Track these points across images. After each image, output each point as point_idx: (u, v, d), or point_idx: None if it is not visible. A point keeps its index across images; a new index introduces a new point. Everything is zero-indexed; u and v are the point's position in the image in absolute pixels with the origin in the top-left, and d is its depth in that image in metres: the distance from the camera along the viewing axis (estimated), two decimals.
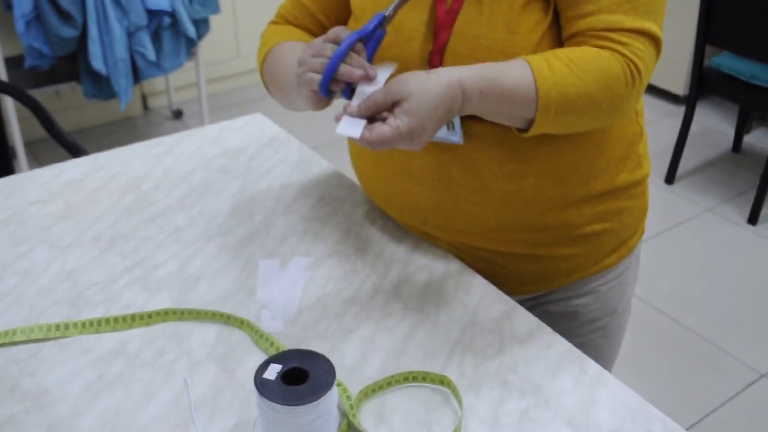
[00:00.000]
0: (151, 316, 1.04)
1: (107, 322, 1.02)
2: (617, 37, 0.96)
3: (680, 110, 3.48)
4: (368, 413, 0.90)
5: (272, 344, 0.98)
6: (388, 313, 1.05)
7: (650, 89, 3.98)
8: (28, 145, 3.29)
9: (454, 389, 0.91)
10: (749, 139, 3.61)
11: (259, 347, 0.99)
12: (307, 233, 1.22)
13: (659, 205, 3.12)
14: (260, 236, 1.21)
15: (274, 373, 0.82)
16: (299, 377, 0.82)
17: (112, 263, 1.15)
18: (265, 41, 1.19)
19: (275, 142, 1.50)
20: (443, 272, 1.13)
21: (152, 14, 2.94)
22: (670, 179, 3.25)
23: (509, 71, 0.95)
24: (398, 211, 1.19)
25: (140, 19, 2.89)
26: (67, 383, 0.94)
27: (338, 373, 0.94)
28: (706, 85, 3.07)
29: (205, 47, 3.70)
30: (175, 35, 3.07)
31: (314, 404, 0.79)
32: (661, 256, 2.81)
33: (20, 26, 2.73)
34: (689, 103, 3.14)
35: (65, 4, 2.72)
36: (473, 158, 1.06)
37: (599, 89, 0.95)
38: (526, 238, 1.11)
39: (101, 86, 2.96)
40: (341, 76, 0.94)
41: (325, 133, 3.20)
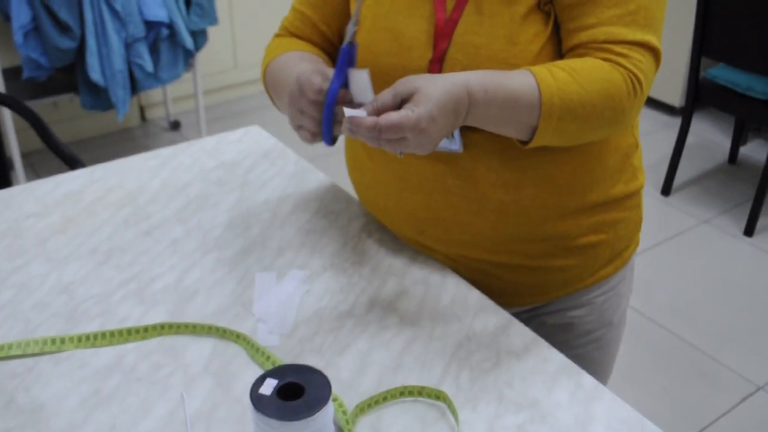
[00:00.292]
0: (147, 329, 1.03)
1: (103, 336, 1.02)
2: (618, 49, 0.97)
3: (676, 122, 3.49)
4: (364, 428, 0.90)
5: (268, 358, 0.98)
6: (384, 326, 1.05)
7: (646, 101, 3.97)
8: (25, 156, 3.29)
9: (450, 404, 0.91)
10: (745, 150, 3.62)
11: (255, 361, 0.99)
12: (303, 246, 1.22)
13: (656, 216, 3.13)
14: (257, 249, 1.21)
15: (270, 388, 0.82)
16: (295, 392, 0.82)
17: (108, 276, 1.15)
18: (267, 54, 1.19)
19: (272, 154, 1.51)
20: (440, 285, 1.13)
21: (150, 26, 2.95)
22: (666, 191, 3.26)
23: (512, 76, 0.95)
24: (395, 222, 1.19)
25: (138, 30, 2.89)
26: (62, 398, 0.94)
27: (334, 387, 0.94)
28: (702, 96, 3.08)
29: (202, 58, 3.71)
30: (172, 46, 3.08)
31: (310, 419, 0.79)
32: (657, 267, 2.81)
33: (18, 37, 2.74)
34: (685, 114, 3.15)
35: (63, 15, 2.73)
36: (471, 168, 1.06)
37: (601, 99, 0.95)
38: (522, 249, 1.11)
39: (99, 97, 2.96)
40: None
41: (321, 145, 3.21)
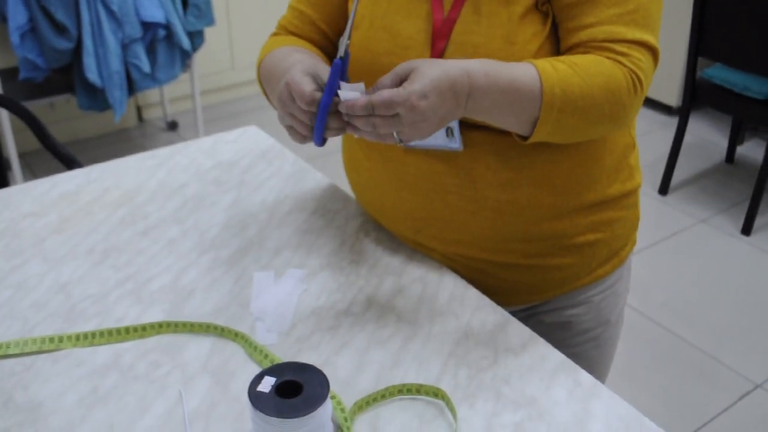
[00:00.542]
0: (145, 328, 1.03)
1: (101, 334, 1.02)
2: (618, 47, 0.97)
3: (673, 121, 3.49)
4: (362, 426, 0.90)
5: (266, 356, 0.98)
6: (382, 325, 1.05)
7: (644, 100, 3.99)
8: (22, 156, 3.29)
9: (448, 402, 0.91)
10: (742, 150, 3.63)
11: (253, 360, 0.99)
12: (301, 245, 1.22)
13: (653, 216, 3.13)
14: (254, 249, 1.21)
15: (268, 385, 0.82)
16: (293, 390, 0.82)
17: (105, 276, 1.15)
18: (263, 51, 1.18)
19: (269, 154, 1.51)
20: (437, 284, 1.13)
21: (147, 26, 2.95)
22: (663, 190, 3.26)
23: (514, 66, 0.95)
24: (392, 221, 1.20)
25: (135, 31, 2.89)
26: (60, 396, 0.94)
27: (332, 385, 0.94)
28: (699, 96, 3.09)
29: (199, 59, 3.71)
30: (169, 47, 3.08)
31: (308, 417, 0.79)
32: (655, 266, 2.82)
33: (15, 38, 2.74)
34: (682, 114, 3.15)
35: (60, 16, 2.73)
36: (469, 167, 1.07)
37: (602, 92, 0.96)
38: (519, 248, 1.11)
39: (96, 98, 2.96)
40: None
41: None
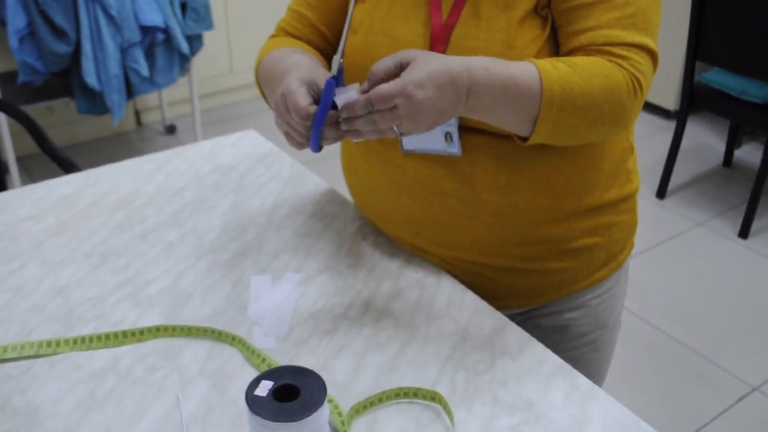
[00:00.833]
0: (142, 332, 1.04)
1: (99, 338, 1.02)
2: (618, 51, 0.98)
3: (671, 125, 3.50)
4: (360, 429, 0.90)
5: (264, 360, 0.98)
6: (379, 328, 1.05)
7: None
8: (20, 160, 3.29)
9: (445, 405, 0.92)
10: (740, 153, 3.63)
11: (250, 363, 0.99)
12: (299, 249, 1.22)
13: (651, 219, 3.13)
14: (252, 252, 1.21)
15: (265, 389, 0.82)
16: (290, 394, 0.82)
17: (103, 280, 1.15)
18: (261, 53, 1.19)
19: (268, 158, 1.51)
20: (435, 287, 1.13)
21: (146, 30, 2.95)
22: (661, 194, 3.27)
23: (513, 63, 0.95)
24: (390, 224, 1.20)
25: (134, 35, 2.90)
26: (58, 400, 0.94)
27: (329, 389, 0.94)
28: (696, 100, 3.09)
29: (198, 63, 3.71)
30: (168, 51, 3.08)
31: (305, 421, 0.79)
32: (652, 270, 2.82)
33: (14, 42, 2.74)
34: (680, 118, 3.16)
35: (59, 20, 2.73)
36: (467, 171, 1.07)
37: (601, 92, 0.96)
38: (517, 252, 1.11)
39: (94, 102, 2.96)
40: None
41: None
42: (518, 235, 1.10)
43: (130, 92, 3.02)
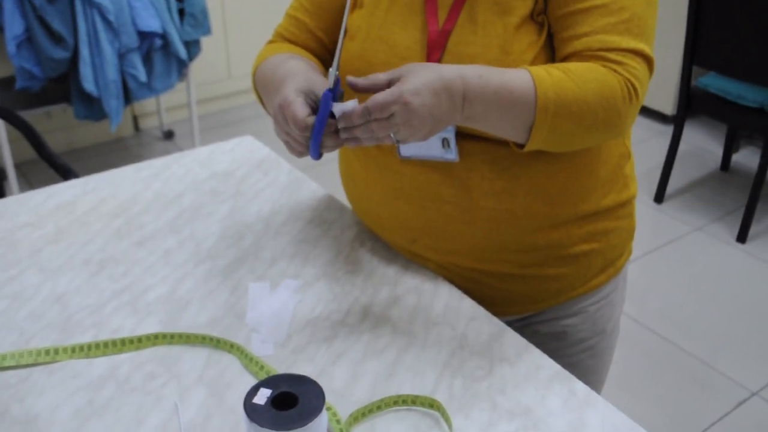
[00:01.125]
0: (141, 340, 1.03)
1: (97, 346, 1.02)
2: (613, 56, 0.98)
3: (669, 130, 3.50)
4: None
5: (262, 368, 0.98)
6: (377, 335, 1.05)
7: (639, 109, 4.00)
8: (18, 166, 3.28)
9: (443, 412, 0.92)
10: (737, 158, 3.64)
11: (248, 371, 0.99)
12: (296, 256, 1.22)
13: (649, 224, 3.14)
14: (250, 259, 1.21)
15: (263, 397, 0.82)
16: (289, 402, 0.82)
17: (101, 287, 1.15)
18: (258, 59, 1.19)
19: (265, 164, 1.51)
20: (432, 294, 1.13)
21: (143, 36, 2.95)
22: (659, 198, 3.27)
23: (506, 70, 0.96)
24: (388, 231, 1.20)
25: (131, 40, 2.90)
26: (56, 409, 0.94)
27: (328, 396, 0.94)
28: (693, 105, 3.10)
29: (196, 68, 3.71)
30: (166, 57, 3.08)
31: (304, 429, 0.79)
32: (650, 274, 2.82)
33: (11, 48, 2.74)
34: (677, 122, 3.16)
35: (57, 25, 2.73)
36: (464, 177, 1.07)
37: (596, 98, 0.96)
38: (515, 258, 1.11)
39: (92, 107, 2.96)
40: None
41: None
42: (515, 241, 1.10)
43: (127, 98, 3.02)
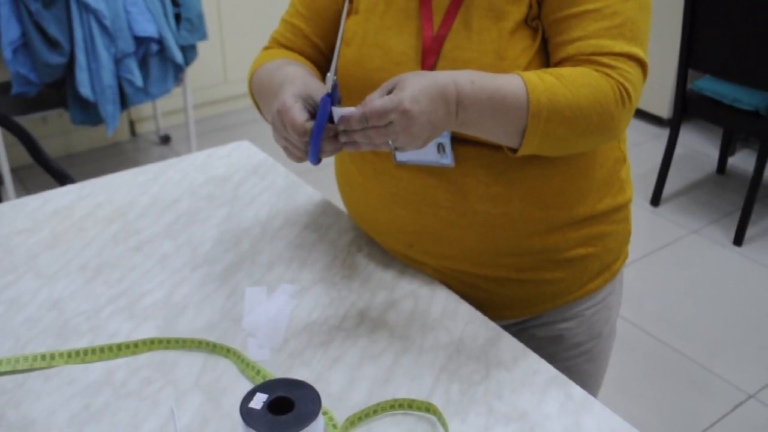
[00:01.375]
0: (137, 345, 1.03)
1: (93, 351, 1.02)
2: (606, 60, 0.98)
3: (665, 133, 3.51)
4: None
5: (258, 372, 0.98)
6: (374, 340, 1.05)
7: (635, 112, 4.01)
8: (15, 171, 3.28)
9: (440, 416, 0.92)
10: (733, 160, 3.64)
11: (245, 376, 0.99)
12: (293, 260, 1.22)
13: (645, 227, 3.14)
14: (246, 264, 1.21)
15: (260, 402, 0.82)
16: (285, 406, 0.82)
17: (98, 292, 1.15)
18: (254, 65, 1.19)
19: (262, 169, 1.51)
20: (429, 298, 1.13)
21: (140, 41, 2.95)
22: (655, 201, 3.28)
23: (499, 76, 0.96)
24: (384, 235, 1.20)
25: (128, 46, 2.90)
26: (52, 414, 0.93)
27: (324, 401, 0.94)
28: (689, 108, 3.10)
29: (192, 73, 3.71)
30: (162, 61, 3.08)
31: None
32: (647, 277, 2.82)
33: (7, 53, 2.74)
34: (673, 125, 3.17)
35: (53, 31, 2.73)
36: (460, 182, 1.07)
37: (589, 103, 0.96)
38: (511, 262, 1.12)
39: (89, 112, 2.96)
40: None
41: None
42: (511, 245, 1.10)
43: (124, 103, 3.02)
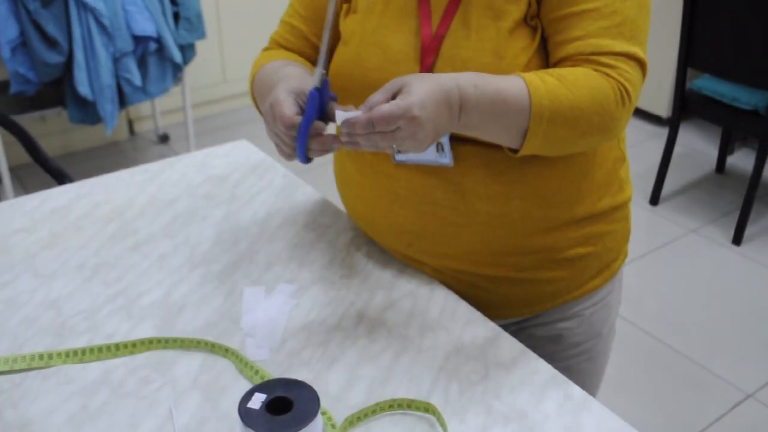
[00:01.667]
0: (135, 344, 1.03)
1: (91, 351, 1.02)
2: (605, 60, 0.98)
3: (664, 132, 3.51)
4: None
5: (257, 372, 0.98)
6: (372, 339, 1.05)
7: (634, 111, 4.01)
8: (13, 170, 3.28)
9: (438, 416, 0.91)
10: (732, 159, 3.64)
11: (243, 376, 0.99)
12: (291, 260, 1.22)
13: (644, 226, 3.14)
14: (245, 263, 1.21)
15: (258, 402, 0.82)
16: (284, 406, 0.82)
17: (96, 292, 1.15)
18: (254, 66, 1.19)
19: (260, 168, 1.51)
20: (428, 298, 1.13)
21: (138, 40, 2.95)
22: (654, 201, 3.27)
23: (501, 78, 0.96)
24: (383, 235, 1.20)
25: (126, 44, 2.90)
26: (50, 414, 0.93)
27: (323, 401, 0.94)
28: (688, 107, 3.10)
29: (191, 72, 3.71)
30: (161, 60, 3.08)
31: None
32: (646, 277, 2.82)
33: (6, 52, 2.74)
34: (672, 125, 3.17)
35: (51, 30, 2.73)
36: (459, 181, 1.07)
37: (590, 103, 0.96)
38: (510, 261, 1.11)
39: (87, 111, 2.96)
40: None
41: None
42: (511, 244, 1.10)
43: (122, 102, 3.02)
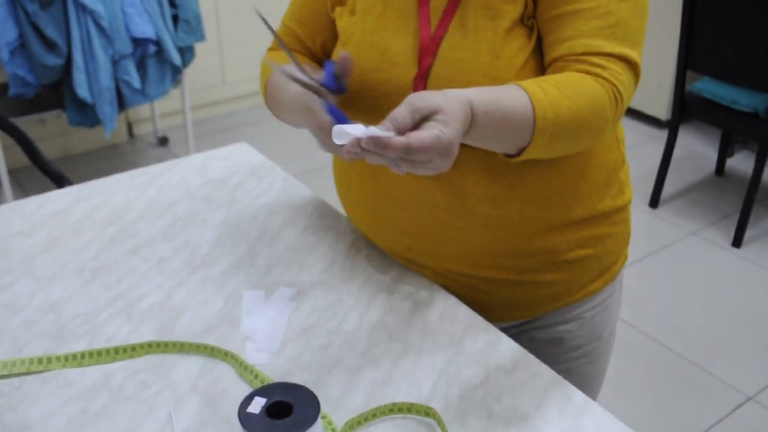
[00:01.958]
0: (134, 348, 1.03)
1: (90, 355, 1.02)
2: (596, 60, 0.97)
3: (663, 134, 3.51)
4: None
5: (257, 376, 0.97)
6: (373, 343, 1.05)
7: (634, 114, 4.01)
8: (12, 173, 3.28)
9: (439, 420, 0.91)
10: (732, 162, 3.64)
11: (243, 380, 0.99)
12: (291, 263, 1.21)
13: (644, 229, 3.14)
14: (244, 267, 1.21)
15: (258, 406, 0.81)
16: (284, 410, 0.82)
17: (95, 295, 1.15)
18: (264, 68, 1.20)
19: (260, 171, 1.50)
20: (428, 301, 1.13)
21: (137, 42, 2.95)
22: (654, 203, 3.27)
23: (506, 93, 0.93)
24: (383, 237, 1.19)
25: (125, 47, 2.89)
26: (49, 418, 0.93)
27: (323, 405, 0.94)
28: (688, 109, 3.10)
29: (190, 74, 3.71)
30: (160, 63, 3.08)
31: None
32: (646, 279, 2.82)
33: (4, 54, 2.74)
34: (672, 127, 3.17)
35: (50, 32, 2.73)
36: (458, 183, 1.07)
37: (590, 111, 0.95)
38: (510, 264, 1.11)
39: (86, 114, 2.96)
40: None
41: (309, 160, 3.21)
42: (510, 247, 1.10)
43: (121, 104, 3.02)
